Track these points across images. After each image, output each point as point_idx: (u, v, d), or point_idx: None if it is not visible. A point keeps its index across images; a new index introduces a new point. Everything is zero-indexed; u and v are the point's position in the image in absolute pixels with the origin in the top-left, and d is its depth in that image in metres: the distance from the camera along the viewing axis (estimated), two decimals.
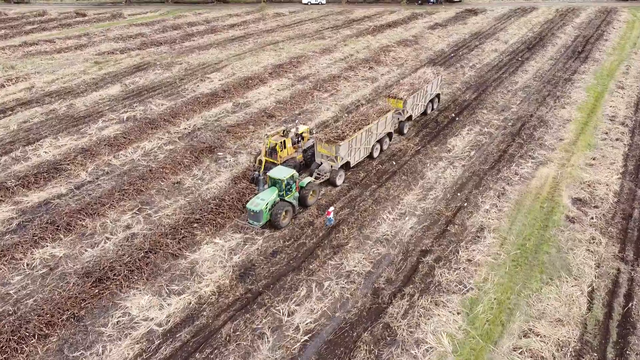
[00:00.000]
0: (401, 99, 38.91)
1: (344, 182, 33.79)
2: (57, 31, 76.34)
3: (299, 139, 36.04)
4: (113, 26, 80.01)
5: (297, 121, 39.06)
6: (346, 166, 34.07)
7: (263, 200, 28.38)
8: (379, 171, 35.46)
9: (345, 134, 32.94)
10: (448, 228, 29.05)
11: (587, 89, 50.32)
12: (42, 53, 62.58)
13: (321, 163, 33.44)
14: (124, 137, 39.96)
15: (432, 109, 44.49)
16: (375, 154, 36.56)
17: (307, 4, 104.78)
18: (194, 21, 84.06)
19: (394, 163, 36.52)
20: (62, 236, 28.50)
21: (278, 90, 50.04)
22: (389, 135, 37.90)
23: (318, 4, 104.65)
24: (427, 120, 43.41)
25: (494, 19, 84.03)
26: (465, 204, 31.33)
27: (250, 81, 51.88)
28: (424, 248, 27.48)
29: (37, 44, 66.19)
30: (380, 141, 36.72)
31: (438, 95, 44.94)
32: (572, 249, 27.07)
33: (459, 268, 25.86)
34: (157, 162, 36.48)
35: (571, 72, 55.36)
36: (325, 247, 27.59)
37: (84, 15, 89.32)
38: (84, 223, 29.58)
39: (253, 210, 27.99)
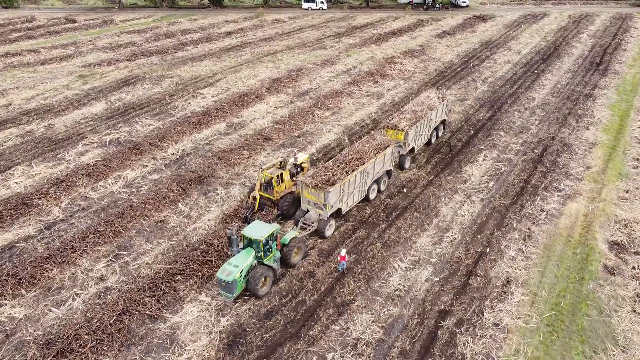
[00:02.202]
0: (402, 130, 34.19)
1: (334, 231, 28.89)
2: (44, 39, 72.39)
3: (298, 169, 32.20)
4: (103, 34, 76.06)
5: (295, 150, 35.06)
6: (337, 213, 29.44)
7: (237, 267, 23.25)
8: (388, 206, 31.60)
9: (336, 177, 28.16)
10: (469, 281, 25.22)
11: (610, 106, 46.46)
12: (24, 65, 58.65)
13: (307, 211, 28.69)
14: (105, 165, 36.08)
15: (437, 137, 39.75)
16: (372, 196, 31.88)
17: (307, 9, 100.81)
18: (189, 28, 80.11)
19: (404, 190, 32.83)
20: (24, 291, 24.64)
21: (276, 108, 46.16)
22: (388, 173, 33.10)
23: (319, 9, 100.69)
24: (439, 144, 39.54)
25: (504, 26, 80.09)
26: (487, 250, 27.48)
27: (245, 98, 47.97)
28: (442, 308, 23.65)
29: (20, 54, 62.27)
30: (377, 181, 32.01)
31: (444, 122, 40.22)
32: (615, 310, 23.25)
33: (485, 335, 22.05)
34: (139, 195, 32.61)
35: (591, 87, 51.48)
36: (328, 306, 23.77)
37: (74, 21, 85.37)
38: (50, 274, 25.72)
39: (224, 281, 22.88)
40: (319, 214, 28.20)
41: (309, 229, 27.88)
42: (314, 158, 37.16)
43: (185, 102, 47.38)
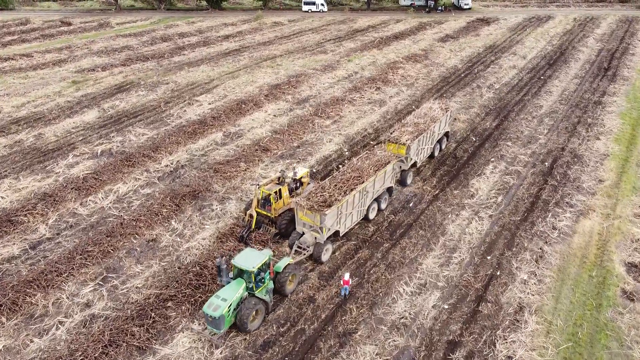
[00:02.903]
0: (404, 144, 32.13)
1: (332, 253, 27.00)
2: (38, 43, 70.84)
3: (297, 184, 30.64)
4: (99, 37, 74.50)
5: (294, 164, 33.46)
6: (335, 235, 27.30)
7: (225, 300, 21.13)
8: (392, 224, 30.02)
9: (333, 197, 26.08)
10: (479, 308, 23.63)
11: (621, 114, 44.88)
12: (16, 70, 57.09)
13: (302, 233, 26.74)
14: (95, 178, 34.50)
15: (440, 150, 37.95)
16: (372, 216, 29.89)
17: (307, 11, 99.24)
18: (186, 31, 78.55)
19: (410, 206, 31.25)
20: (4, 319, 23.07)
21: (274, 116, 44.58)
22: (389, 190, 31.22)
23: (319, 11, 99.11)
24: (444, 156, 37.94)
25: (508, 30, 78.49)
26: (498, 272, 25.90)
27: (243, 105, 46.40)
28: (451, 338, 22.07)
29: (12, 59, 60.72)
30: (378, 199, 30.08)
31: (447, 133, 38.40)
32: (637, 342, 21.67)
33: None
34: (130, 211, 31.04)
35: (600, 94, 49.90)
36: (330, 336, 22.19)
37: (69, 24, 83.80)
38: (33, 300, 24.14)
39: (211, 316, 20.83)
40: (315, 237, 26.24)
41: (304, 254, 26.02)
42: (314, 170, 35.60)
43: (180, 109, 45.81)
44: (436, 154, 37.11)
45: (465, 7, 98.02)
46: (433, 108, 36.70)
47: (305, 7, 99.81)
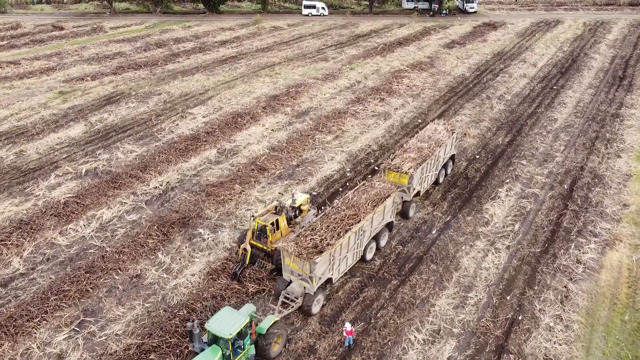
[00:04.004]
0: (406, 173, 28.90)
1: (321, 307, 23.50)
2: (27, 49, 68.14)
3: (296, 212, 27.98)
4: (91, 42, 71.79)
5: (293, 191, 30.67)
6: (327, 282, 23.91)
7: None
8: (400, 256, 27.34)
9: (325, 241, 22.71)
10: None
11: None
12: (2, 79, 54.34)
13: (290, 282, 23.53)
14: (77, 202, 31.82)
15: (446, 175, 34.72)
16: (369, 256, 26.58)
17: (307, 15, 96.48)
18: (182, 36, 75.83)
19: (425, 231, 28.48)
20: None
21: (272, 130, 41.87)
22: (389, 225, 27.74)
23: (320, 15, 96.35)
24: (455, 176, 35.25)
25: (516, 35, 75.73)
26: (520, 316, 23.21)
27: (239, 119, 43.70)
28: None
29: None
30: (376, 237, 26.70)
31: (453, 157, 35.17)
32: None
33: None
34: (113, 242, 28.36)
35: (617, 105, 47.21)
36: None
37: (61, 28, 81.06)
38: (0, 350, 21.46)
39: None
40: (304, 287, 22.90)
41: (292, 306, 22.80)
42: (315, 193, 32.92)
43: (172, 123, 43.11)
44: (441, 180, 33.77)
45: (470, 10, 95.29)
46: (438, 130, 33.40)
47: (305, 11, 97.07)
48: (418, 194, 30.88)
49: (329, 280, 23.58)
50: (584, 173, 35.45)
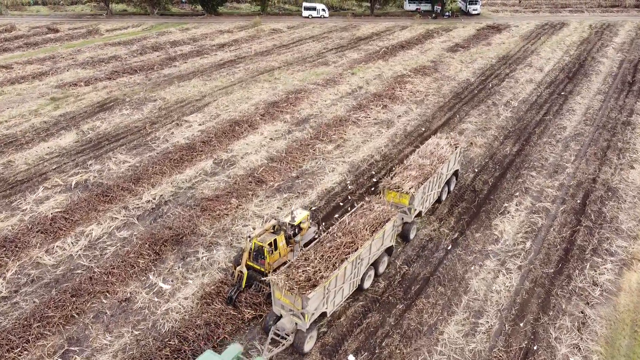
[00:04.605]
0: (407, 193, 26.78)
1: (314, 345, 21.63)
2: (21, 52, 66.62)
3: (296, 231, 26.43)
4: (86, 45, 70.19)
5: (292, 208, 29.09)
6: (321, 315, 21.97)
7: None
8: (405, 277, 25.80)
9: (319, 273, 20.61)
10: None
11: None
12: None
13: (280, 316, 21.70)
14: (66, 218, 30.27)
15: (449, 192, 32.78)
16: (367, 284, 24.70)
17: (307, 17, 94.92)
18: (179, 39, 74.25)
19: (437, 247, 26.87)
20: None
21: (271, 139, 40.31)
22: (389, 250, 25.76)
23: (320, 17, 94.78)
24: (462, 188, 33.71)
25: (521, 38, 74.14)
26: (534, 346, 21.67)
27: (237, 127, 42.13)
28: None
29: None
30: (375, 262, 24.77)
31: (456, 172, 33.08)
32: None
33: None
34: (102, 261, 26.82)
35: (628, 112, 45.66)
36: None
37: (56, 31, 79.51)
38: None
39: None
40: (296, 323, 21.00)
41: (283, 344, 20.98)
42: (316, 208, 31.37)
43: (168, 132, 41.55)
44: (443, 197, 31.85)
45: (473, 12, 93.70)
46: (440, 144, 31.33)
47: (305, 13, 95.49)
48: (420, 214, 28.88)
49: (323, 314, 21.56)
50: (596, 185, 33.90)
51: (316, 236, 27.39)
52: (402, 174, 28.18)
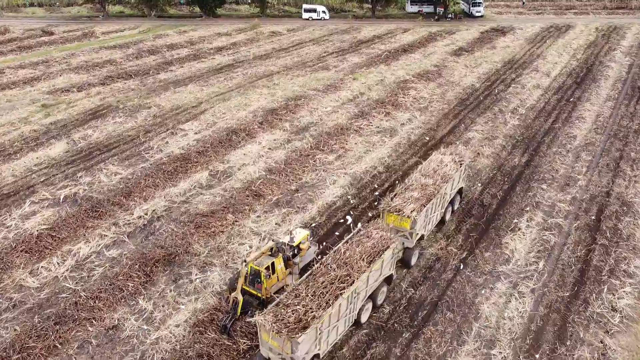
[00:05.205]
0: (408, 217, 24.66)
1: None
2: (13, 56, 65.02)
3: (295, 252, 24.87)
4: (81, 49, 68.57)
5: (292, 229, 27.44)
6: (315, 356, 19.88)
7: None
8: (411, 302, 24.22)
9: (310, 313, 18.70)
10: None
11: None
12: None
13: (268, 358, 19.69)
14: (52, 235, 28.69)
15: (453, 212, 30.63)
16: (364, 318, 22.55)
17: (307, 19, 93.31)
18: (176, 42, 72.65)
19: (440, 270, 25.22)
20: None
21: (269, 149, 38.73)
22: (388, 279, 23.65)
23: (320, 19, 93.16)
24: (470, 202, 32.11)
25: (526, 41, 72.53)
26: None
27: (234, 136, 40.55)
28: None
29: None
30: (373, 295, 22.53)
31: (460, 190, 30.93)
32: None
33: None
34: (89, 284, 25.23)
35: None
36: None
37: (51, 34, 77.93)
38: None
39: None
40: None
41: None
42: (316, 224, 29.79)
43: (162, 141, 39.95)
44: (447, 217, 29.75)
45: (477, 14, 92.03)
46: (444, 161, 29.25)
47: (305, 15, 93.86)
48: (422, 237, 26.95)
49: (316, 356, 19.50)
50: (610, 199, 32.30)
51: (316, 257, 25.92)
52: (403, 195, 26.17)
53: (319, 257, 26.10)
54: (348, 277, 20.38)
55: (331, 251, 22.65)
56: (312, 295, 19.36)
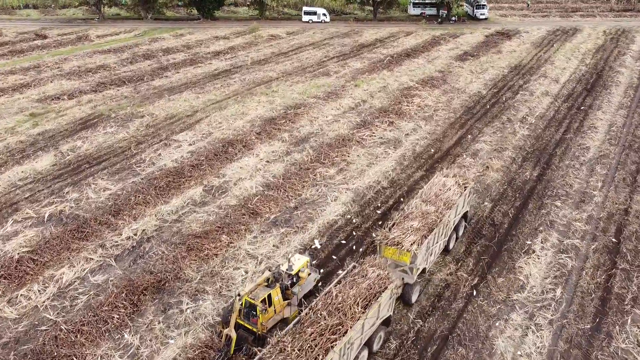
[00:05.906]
0: (408, 250, 22.33)
1: None
2: (4, 61, 63.10)
3: (293, 280, 23.02)
4: (74, 53, 66.67)
5: (290, 255, 25.46)
6: None
7: None
8: (420, 335, 22.33)
9: None
10: None
11: None
12: None
13: None
14: (34, 259, 26.77)
15: (457, 239, 28.03)
16: None
17: (308, 22, 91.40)
18: (172, 46, 70.73)
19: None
20: None
21: (267, 162, 36.82)
22: (386, 321, 21.35)
23: (321, 22, 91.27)
24: (480, 221, 30.21)
25: (532, 45, 70.60)
26: None
27: (230, 147, 38.64)
28: None
29: None
30: (369, 341, 20.18)
31: (465, 214, 28.57)
32: None
33: None
34: (72, 315, 23.35)
35: None
36: None
37: (45, 37, 76.07)
38: None
39: None
40: None
41: None
42: (318, 247, 27.88)
43: (154, 153, 38.06)
44: (451, 246, 27.38)
45: (480, 17, 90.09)
46: (447, 185, 26.99)
47: (305, 17, 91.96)
48: (424, 271, 24.79)
49: None
50: (629, 218, 30.39)
51: (316, 284, 24.02)
52: (402, 225, 23.81)
53: (319, 285, 24.36)
54: (340, 327, 18.02)
55: (321, 293, 20.48)
56: (298, 350, 17.04)
